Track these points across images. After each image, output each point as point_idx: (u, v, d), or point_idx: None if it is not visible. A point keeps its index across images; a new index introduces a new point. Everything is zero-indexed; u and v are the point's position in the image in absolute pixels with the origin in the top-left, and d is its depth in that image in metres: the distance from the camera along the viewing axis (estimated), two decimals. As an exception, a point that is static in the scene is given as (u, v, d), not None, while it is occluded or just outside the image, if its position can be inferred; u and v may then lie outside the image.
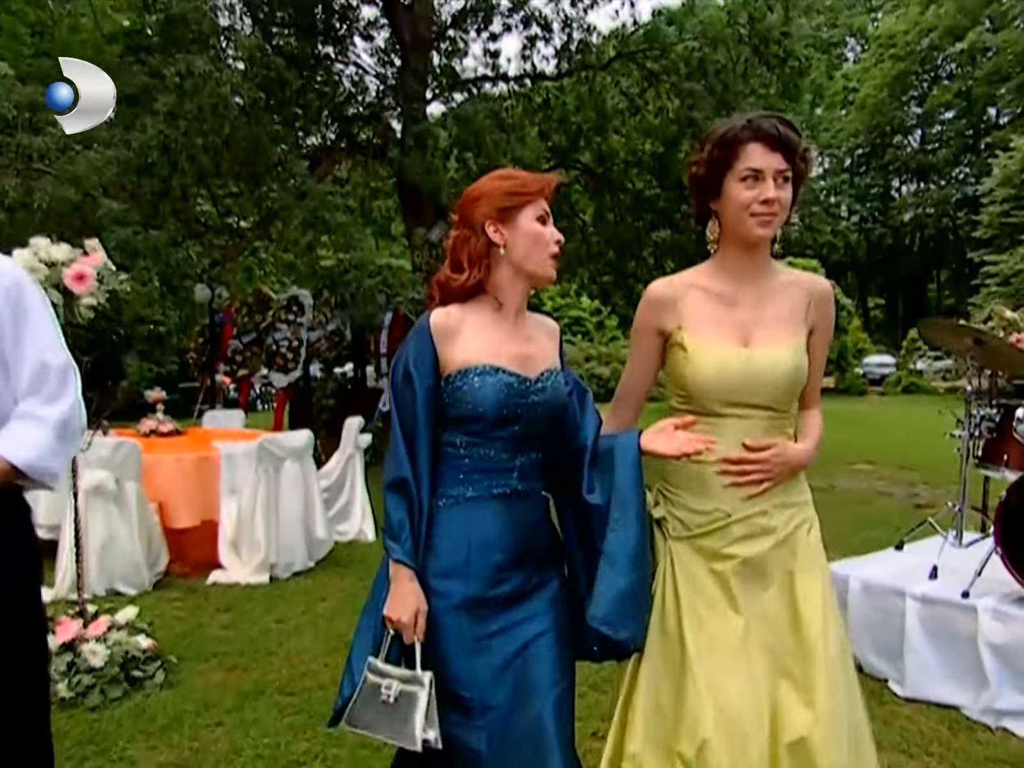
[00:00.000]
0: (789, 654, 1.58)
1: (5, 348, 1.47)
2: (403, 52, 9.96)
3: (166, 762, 2.56)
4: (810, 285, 1.70)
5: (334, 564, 5.10)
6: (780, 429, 1.66)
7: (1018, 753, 2.65)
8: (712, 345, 1.64)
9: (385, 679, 1.50)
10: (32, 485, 1.51)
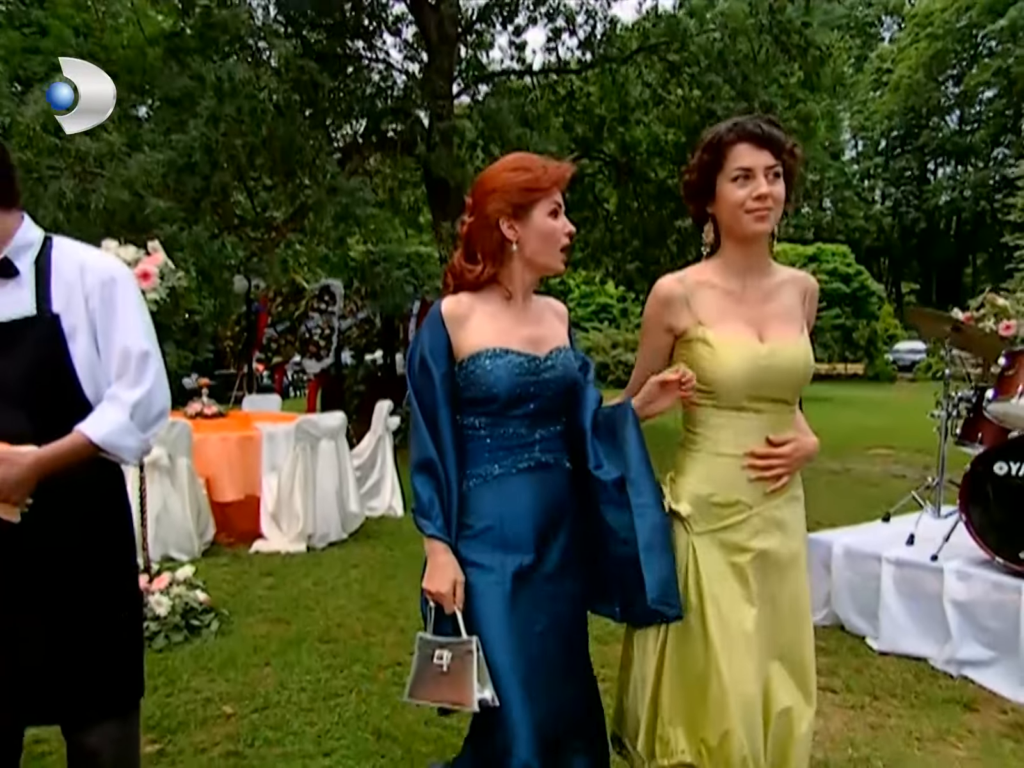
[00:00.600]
0: (787, 637, 1.66)
1: (99, 337, 1.69)
2: (429, 50, 10.29)
3: (224, 692, 2.99)
4: (804, 282, 1.76)
5: (365, 536, 5.52)
6: (788, 423, 1.70)
7: (973, 696, 2.96)
8: (736, 339, 1.66)
9: (436, 650, 1.57)
10: (110, 458, 1.70)
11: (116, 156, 5.98)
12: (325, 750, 2.55)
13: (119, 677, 1.75)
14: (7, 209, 1.64)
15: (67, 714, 1.68)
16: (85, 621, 1.69)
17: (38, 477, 1.54)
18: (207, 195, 7.68)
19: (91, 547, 1.70)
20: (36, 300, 1.62)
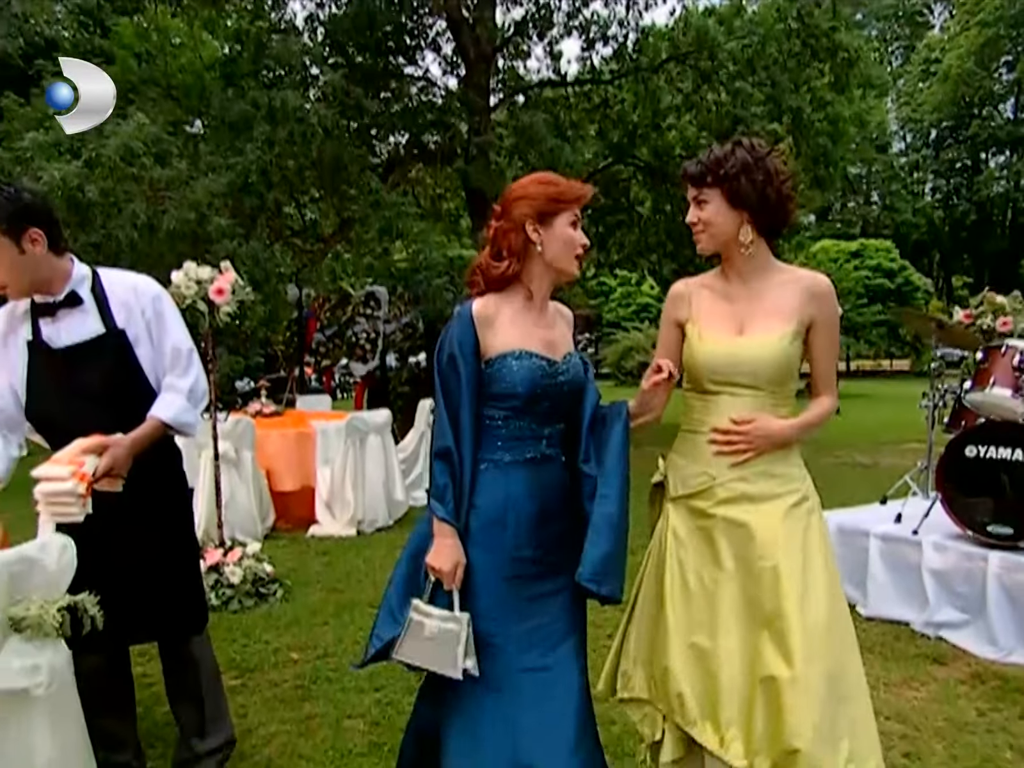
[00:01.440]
0: (770, 609, 1.73)
1: (154, 341, 2.17)
2: (467, 66, 10.82)
3: (290, 643, 3.52)
4: (808, 282, 1.87)
5: (410, 522, 6.03)
6: (770, 408, 1.83)
7: (943, 653, 3.33)
8: (710, 333, 1.87)
9: (428, 618, 1.70)
10: (178, 434, 2.22)
11: (184, 181, 6.61)
12: (375, 686, 3.06)
13: (199, 605, 2.32)
14: (60, 254, 2.10)
15: (173, 632, 2.22)
16: (180, 559, 2.25)
17: (134, 456, 2.02)
18: (262, 212, 8.33)
19: (166, 505, 2.23)
20: (102, 321, 2.10)
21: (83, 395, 2.04)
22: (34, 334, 2.07)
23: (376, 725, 2.76)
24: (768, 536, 1.75)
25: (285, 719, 2.80)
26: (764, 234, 1.86)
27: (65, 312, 2.07)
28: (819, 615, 1.69)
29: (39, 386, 2.06)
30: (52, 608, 1.43)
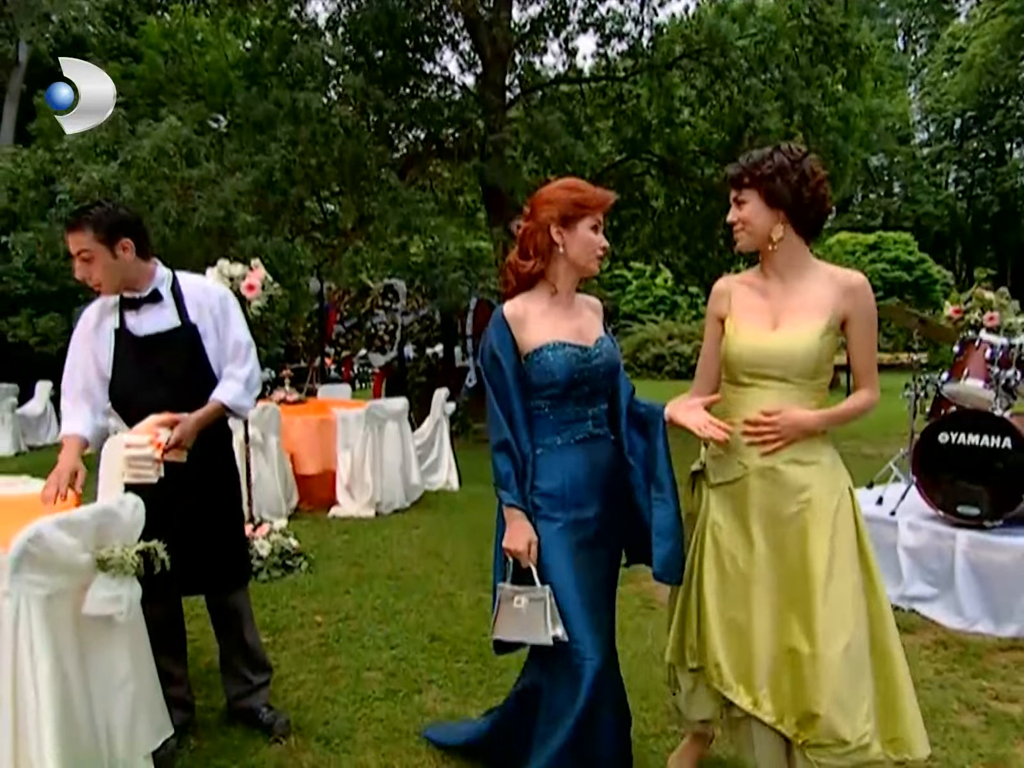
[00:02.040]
0: (796, 587, 1.89)
1: (219, 335, 2.55)
2: (483, 64, 11.09)
3: (315, 609, 3.87)
4: (842, 278, 1.97)
5: (425, 505, 6.38)
6: (798, 400, 1.93)
7: (914, 623, 3.60)
8: (745, 328, 2.00)
9: (516, 596, 1.89)
10: (234, 416, 2.60)
11: (212, 180, 6.96)
12: (392, 645, 3.40)
13: (244, 563, 2.72)
14: (147, 258, 2.49)
15: (224, 584, 2.56)
16: (230, 522, 2.60)
17: (197, 431, 2.38)
18: (285, 208, 8.68)
19: (219, 476, 2.60)
20: (179, 315, 2.49)
21: (158, 377, 2.41)
22: (120, 323, 2.46)
23: (392, 676, 3.09)
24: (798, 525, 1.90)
25: (311, 670, 3.14)
26: (801, 232, 1.96)
27: (147, 306, 2.46)
28: (843, 596, 1.84)
29: (122, 367, 2.45)
30: (131, 551, 1.77)
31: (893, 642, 1.94)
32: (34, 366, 11.78)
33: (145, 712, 1.93)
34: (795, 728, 1.86)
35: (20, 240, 7.30)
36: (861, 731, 1.81)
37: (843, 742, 1.80)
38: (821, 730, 1.81)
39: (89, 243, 2.34)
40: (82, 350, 2.49)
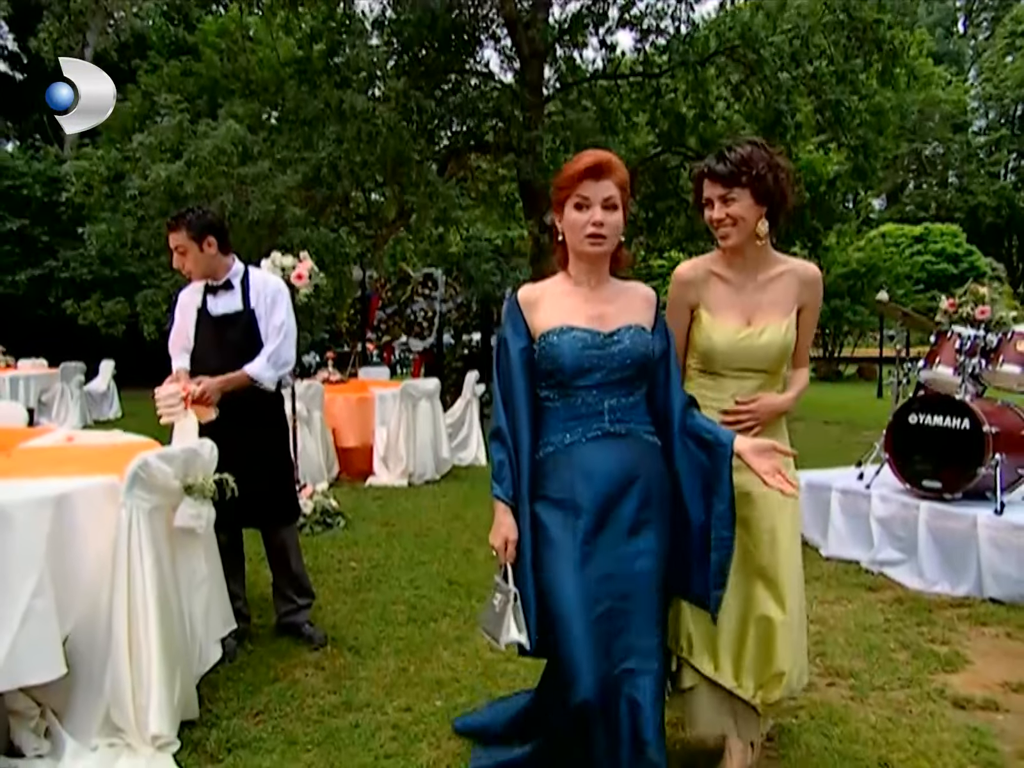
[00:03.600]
0: (765, 560, 2.02)
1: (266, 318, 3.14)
2: (521, 63, 11.54)
3: (350, 557, 4.46)
4: (802, 272, 2.10)
5: (454, 477, 6.95)
6: (771, 386, 2.11)
7: (880, 584, 4.02)
8: (722, 323, 2.07)
9: (496, 593, 1.83)
10: (256, 384, 3.07)
11: (265, 177, 7.59)
12: (415, 585, 3.96)
13: (294, 504, 3.30)
14: (227, 253, 3.10)
15: (277, 518, 3.14)
16: (282, 470, 3.17)
17: (221, 392, 2.92)
18: (331, 201, 9.29)
19: (274, 427, 3.20)
20: (243, 302, 3.09)
21: (224, 347, 3.03)
22: (203, 304, 3.08)
23: (413, 608, 3.65)
24: (768, 502, 2.02)
25: (345, 602, 3.72)
26: (772, 227, 2.04)
27: (222, 292, 3.08)
28: (795, 566, 2.07)
29: (201, 338, 3.09)
30: (209, 480, 2.34)
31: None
32: (99, 347, 12.68)
33: (217, 606, 2.51)
34: (754, 690, 2.01)
35: (95, 231, 8.05)
36: (805, 681, 2.11)
37: (793, 695, 2.09)
38: (783, 687, 1.98)
39: (183, 240, 2.96)
40: (180, 320, 3.17)
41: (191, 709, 2.43)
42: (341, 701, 2.70)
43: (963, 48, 41.61)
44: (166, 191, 7.16)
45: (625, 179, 1.83)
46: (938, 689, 2.80)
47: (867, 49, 11.62)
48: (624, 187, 1.83)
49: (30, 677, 2.00)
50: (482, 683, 2.86)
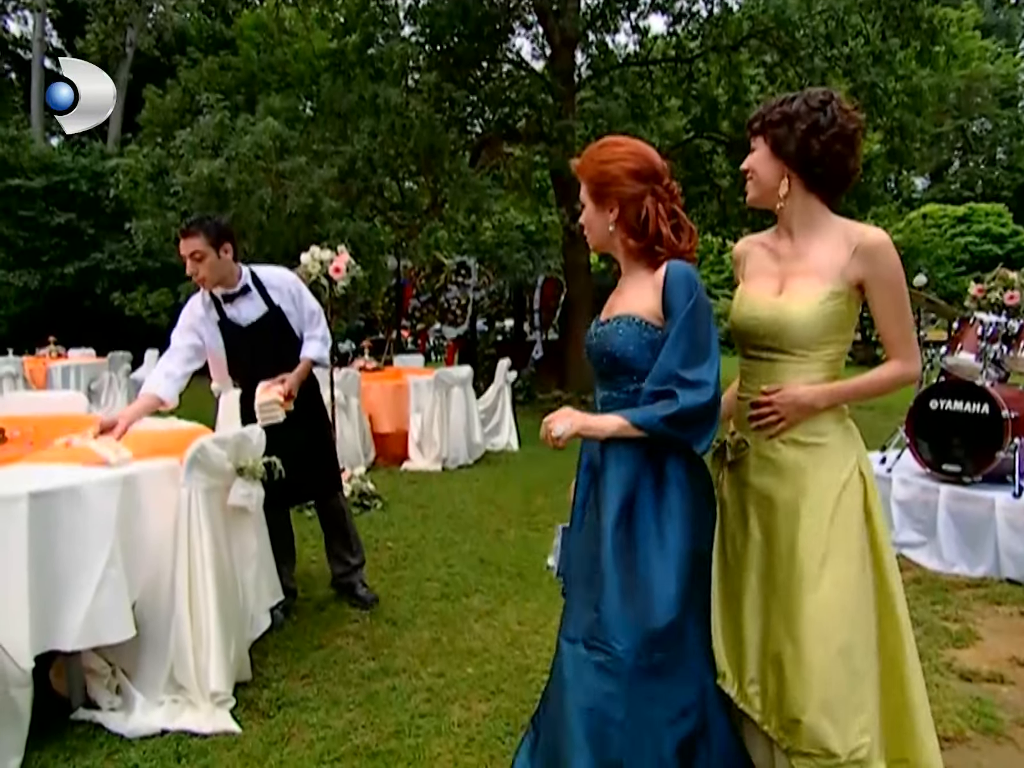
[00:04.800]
0: (782, 578, 1.72)
1: (298, 308, 3.30)
2: (552, 52, 11.61)
3: (387, 537, 4.69)
4: (858, 239, 1.73)
5: (486, 462, 7.15)
6: (803, 374, 1.75)
7: (899, 565, 4.10)
8: (751, 293, 1.82)
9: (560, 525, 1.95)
10: (318, 366, 3.36)
11: (302, 171, 7.84)
12: (448, 564, 4.17)
13: (338, 474, 3.54)
14: (236, 260, 3.19)
15: (324, 490, 3.37)
16: (324, 446, 3.40)
17: (300, 383, 3.17)
18: (366, 192, 9.52)
19: (315, 416, 3.41)
20: (265, 302, 3.23)
21: (262, 352, 3.18)
22: (221, 316, 3.19)
23: (446, 585, 3.86)
24: (789, 513, 1.73)
25: (382, 579, 3.94)
26: (814, 189, 1.78)
27: (240, 299, 3.20)
28: (831, 596, 1.66)
29: (236, 351, 3.22)
30: (259, 462, 2.56)
31: (908, 653, 1.74)
32: (145, 336, 13.15)
33: (266, 579, 2.74)
34: (780, 732, 1.72)
35: (141, 227, 8.39)
36: (854, 744, 1.63)
37: (831, 754, 1.63)
38: (804, 738, 1.66)
39: (201, 245, 3.05)
40: (187, 324, 3.18)
41: (244, 671, 2.67)
42: (379, 667, 2.92)
43: (1015, 19, 40.26)
44: (208, 186, 7.44)
45: (592, 173, 1.78)
46: (946, 663, 2.93)
47: (904, 28, 11.45)
48: (589, 180, 1.79)
49: (106, 637, 2.25)
50: (510, 653, 3.06)
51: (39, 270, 14.97)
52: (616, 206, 1.76)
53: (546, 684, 1.92)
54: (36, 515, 2.13)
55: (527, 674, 2.87)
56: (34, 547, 2.12)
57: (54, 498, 2.19)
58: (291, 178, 7.83)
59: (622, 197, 1.75)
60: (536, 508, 5.42)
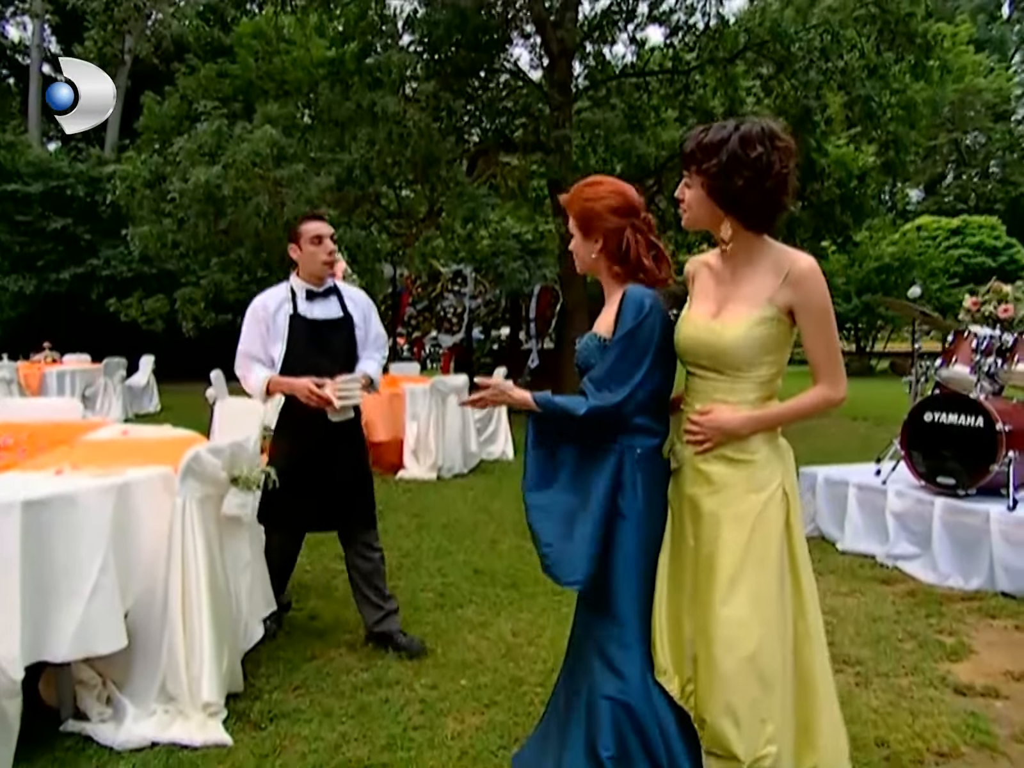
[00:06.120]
0: (701, 586, 1.81)
1: (365, 328, 3.26)
2: (550, 62, 11.66)
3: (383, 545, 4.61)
4: (788, 266, 1.77)
5: (481, 471, 7.15)
6: (736, 393, 1.83)
7: (894, 577, 4.13)
8: (691, 315, 1.90)
9: None
10: (370, 389, 3.26)
11: (300, 179, 7.84)
12: (443, 574, 4.16)
13: (372, 505, 3.35)
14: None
15: (360, 522, 3.25)
16: (365, 477, 3.29)
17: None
18: (363, 201, 9.53)
19: (361, 439, 3.35)
20: (342, 309, 3.20)
21: (327, 351, 3.10)
22: (294, 309, 3.10)
23: (441, 595, 3.85)
24: (712, 523, 1.81)
25: (378, 588, 3.92)
26: (752, 228, 1.80)
27: (321, 299, 3.15)
28: (752, 603, 1.73)
29: (297, 343, 3.08)
30: (254, 472, 2.55)
31: (819, 666, 1.84)
32: (140, 342, 13.12)
33: (259, 588, 2.73)
34: (699, 730, 1.80)
35: (138, 233, 8.38)
36: (759, 752, 1.69)
37: (733, 756, 1.71)
38: (707, 736, 1.75)
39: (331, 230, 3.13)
40: (257, 329, 3.11)
41: (237, 682, 2.65)
42: (373, 678, 2.90)
43: (1007, 35, 40.64)
44: (204, 193, 7.44)
45: (578, 209, 2.00)
46: (940, 676, 2.92)
47: (899, 43, 11.53)
48: (576, 215, 2.01)
49: (98, 648, 2.23)
50: (504, 665, 3.05)
51: (35, 275, 14.95)
52: (600, 237, 1.99)
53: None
54: (29, 524, 2.12)
55: (521, 687, 2.86)
56: (27, 556, 2.11)
57: (47, 506, 2.18)
58: (288, 185, 7.83)
59: (605, 230, 1.98)
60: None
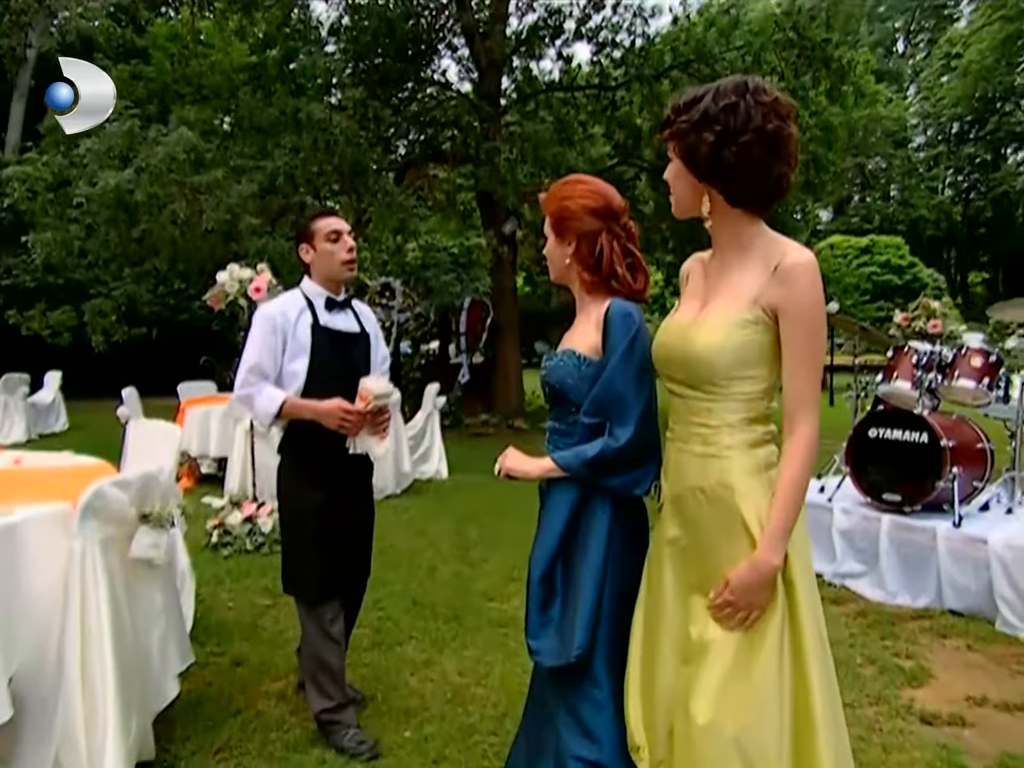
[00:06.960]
0: (690, 643, 1.53)
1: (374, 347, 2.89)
2: (479, 74, 11.54)
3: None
4: (778, 258, 1.46)
5: (415, 492, 6.84)
6: (720, 415, 1.52)
7: (843, 597, 4.07)
8: (670, 320, 1.63)
9: None
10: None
11: (220, 186, 7.42)
12: (379, 607, 3.86)
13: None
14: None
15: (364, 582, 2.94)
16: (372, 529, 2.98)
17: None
18: (287, 211, 9.14)
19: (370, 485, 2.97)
20: (359, 324, 2.85)
21: (346, 365, 2.72)
22: (315, 319, 2.72)
23: (378, 631, 3.56)
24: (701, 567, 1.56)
25: (308, 626, 3.60)
26: (738, 204, 1.50)
27: (340, 310, 2.79)
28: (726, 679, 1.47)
29: (321, 354, 2.69)
30: (167, 508, 2.23)
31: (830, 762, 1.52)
32: (44, 357, 12.23)
33: (173, 639, 2.39)
34: None
35: (39, 239, 7.76)
36: None
37: None
38: None
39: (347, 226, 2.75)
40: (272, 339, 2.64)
41: (148, 749, 2.31)
42: (306, 735, 2.60)
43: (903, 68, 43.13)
44: (114, 199, 6.93)
45: (554, 208, 1.86)
46: (905, 705, 2.83)
47: (816, 67, 11.93)
48: (552, 215, 1.86)
49: (-27, 724, 1.88)
50: (452, 711, 2.80)
51: (-76, 285, 13.81)
52: (574, 240, 1.83)
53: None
54: None
55: (471, 736, 2.61)
56: None
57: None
58: (207, 193, 7.40)
59: (579, 232, 1.82)
60: (470, 541, 5.17)
